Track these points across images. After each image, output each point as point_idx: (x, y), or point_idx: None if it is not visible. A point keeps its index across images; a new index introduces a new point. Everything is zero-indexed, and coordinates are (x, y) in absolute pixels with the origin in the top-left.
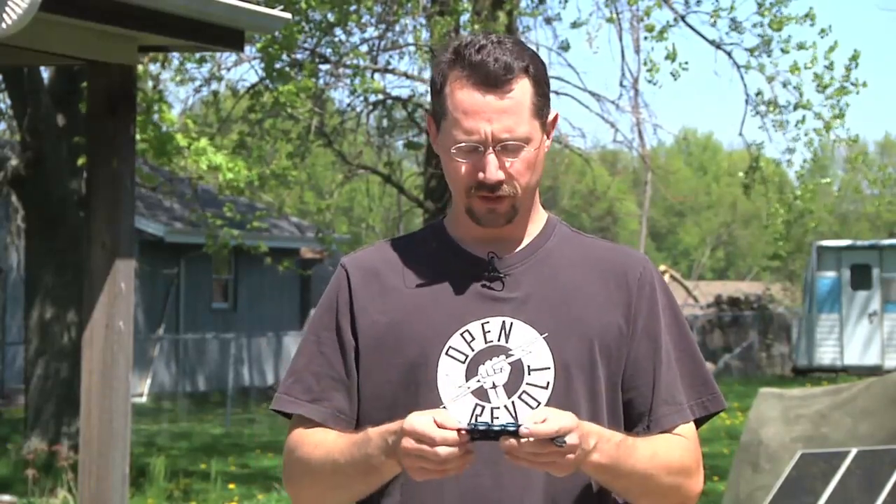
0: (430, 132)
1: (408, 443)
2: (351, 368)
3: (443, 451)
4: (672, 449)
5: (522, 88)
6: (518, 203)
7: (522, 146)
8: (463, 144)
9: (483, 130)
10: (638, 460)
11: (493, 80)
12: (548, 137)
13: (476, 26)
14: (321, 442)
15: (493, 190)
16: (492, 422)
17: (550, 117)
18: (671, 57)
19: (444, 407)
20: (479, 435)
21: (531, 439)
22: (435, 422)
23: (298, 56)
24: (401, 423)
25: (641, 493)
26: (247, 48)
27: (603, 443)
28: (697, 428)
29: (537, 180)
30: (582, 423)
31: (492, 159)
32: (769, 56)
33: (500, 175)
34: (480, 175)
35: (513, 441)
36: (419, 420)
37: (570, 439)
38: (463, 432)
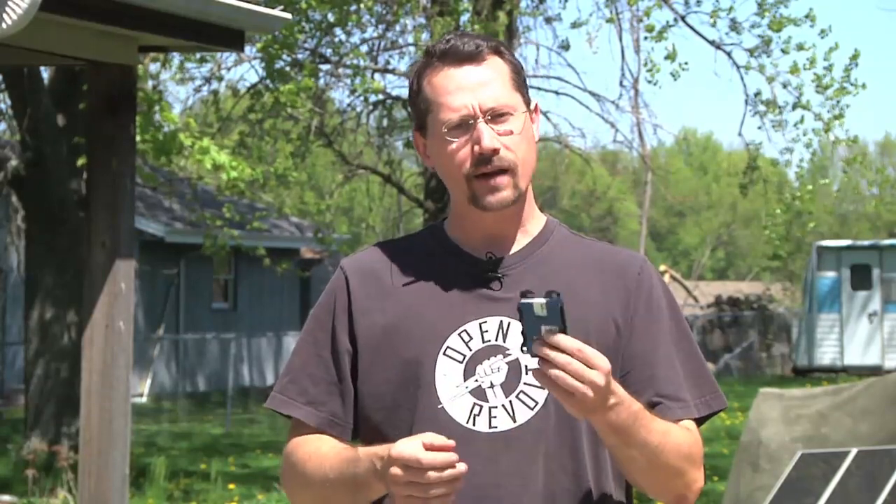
0: (417, 148)
1: (395, 471)
2: (345, 373)
3: (432, 475)
4: (682, 433)
5: (496, 63)
6: (518, 180)
7: (511, 113)
8: (453, 119)
9: (469, 103)
10: (652, 432)
11: (466, 55)
12: (532, 123)
13: (476, 26)
14: (314, 453)
15: (490, 161)
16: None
17: (532, 105)
18: (671, 57)
19: (442, 407)
20: None
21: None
22: (423, 444)
23: (298, 56)
24: (388, 449)
25: (648, 469)
26: (247, 48)
27: (623, 407)
28: (699, 427)
29: (533, 159)
30: (611, 378)
31: (484, 128)
32: (769, 56)
33: (496, 143)
34: (476, 147)
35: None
36: (406, 446)
37: (597, 378)
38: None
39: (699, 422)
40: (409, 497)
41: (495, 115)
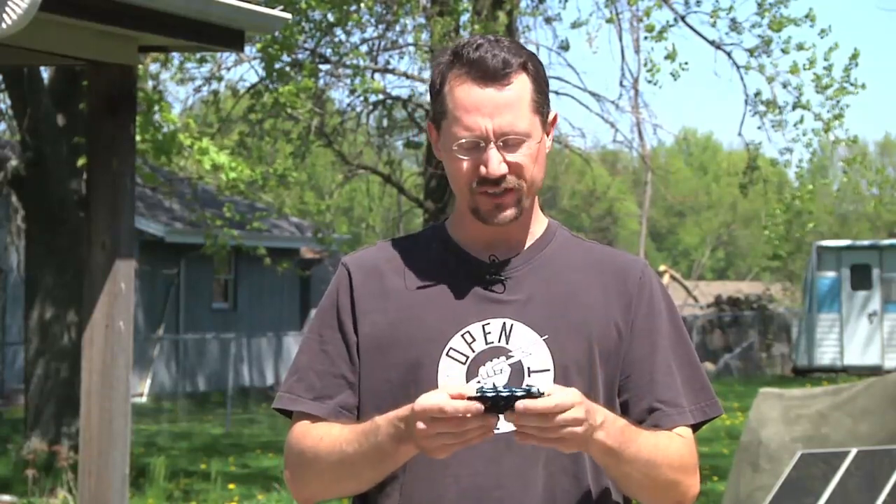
0: (430, 137)
1: (421, 425)
2: (355, 366)
3: (421, 426)
4: (674, 444)
5: (521, 83)
6: (523, 199)
7: (523, 140)
8: (464, 140)
9: (483, 126)
10: (642, 446)
11: (491, 75)
12: (548, 136)
13: (476, 26)
14: (326, 434)
15: (496, 184)
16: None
17: (550, 117)
18: (671, 57)
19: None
20: (488, 403)
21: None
22: (449, 395)
23: (298, 56)
24: (411, 407)
25: (642, 484)
26: (247, 48)
27: (609, 424)
28: (694, 433)
29: (540, 178)
30: (587, 400)
31: (493, 154)
32: (769, 56)
33: (503, 169)
34: (483, 170)
35: (518, 409)
36: (429, 399)
37: (576, 413)
38: (475, 401)
39: (694, 428)
40: (443, 445)
41: (508, 143)
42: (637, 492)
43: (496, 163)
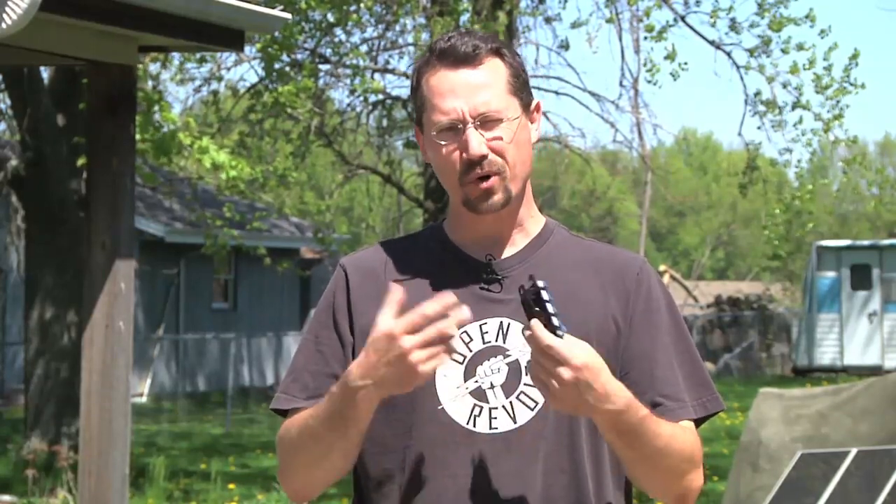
0: (419, 143)
1: (411, 339)
2: (347, 366)
3: (408, 340)
4: (684, 435)
5: (494, 65)
6: (509, 183)
7: (501, 119)
8: (442, 122)
9: (459, 108)
10: (656, 436)
11: (462, 58)
12: (532, 122)
13: (476, 26)
14: (299, 418)
15: (480, 166)
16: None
17: (533, 105)
18: (671, 57)
19: (442, 408)
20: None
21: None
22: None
23: (298, 56)
24: (383, 334)
25: (651, 470)
26: (247, 48)
27: (631, 413)
28: (696, 427)
29: (524, 162)
30: (599, 377)
31: (472, 133)
32: (769, 57)
33: (483, 149)
34: (464, 154)
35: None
36: (382, 321)
37: (565, 374)
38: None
39: (696, 423)
40: (420, 361)
41: (485, 121)
42: (644, 478)
43: (476, 143)
